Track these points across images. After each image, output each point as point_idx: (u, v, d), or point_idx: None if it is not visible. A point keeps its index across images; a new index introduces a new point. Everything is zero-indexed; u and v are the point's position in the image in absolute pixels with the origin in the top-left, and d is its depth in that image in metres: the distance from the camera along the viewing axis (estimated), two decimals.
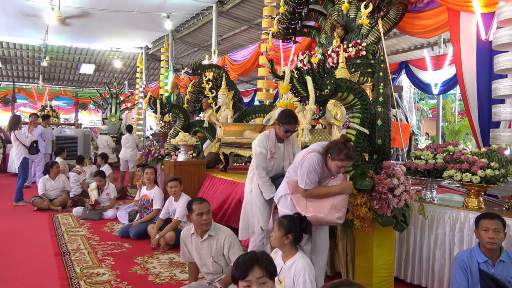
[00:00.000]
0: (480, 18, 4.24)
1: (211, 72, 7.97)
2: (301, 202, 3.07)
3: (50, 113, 15.60)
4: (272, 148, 3.70)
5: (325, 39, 5.96)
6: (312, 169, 2.97)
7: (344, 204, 2.98)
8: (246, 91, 15.70)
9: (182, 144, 6.21)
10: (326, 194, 3.01)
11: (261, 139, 3.74)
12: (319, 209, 2.98)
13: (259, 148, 3.71)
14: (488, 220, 2.75)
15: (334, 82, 3.11)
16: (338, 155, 2.89)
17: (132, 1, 11.08)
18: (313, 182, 3.00)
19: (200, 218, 3.50)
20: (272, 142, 3.71)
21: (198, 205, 3.57)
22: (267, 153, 3.70)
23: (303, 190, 3.02)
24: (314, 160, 2.97)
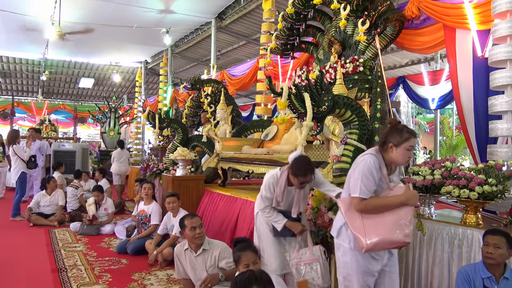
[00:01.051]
0: (476, 35, 4.29)
1: (209, 87, 8.01)
2: (356, 222, 2.52)
3: (48, 127, 15.66)
4: (279, 196, 3.29)
5: (323, 55, 6.01)
6: (368, 172, 2.48)
7: (411, 219, 2.48)
8: (244, 105, 15.75)
9: (181, 159, 6.21)
10: (386, 206, 2.50)
11: (268, 182, 3.37)
12: (380, 228, 2.45)
13: (265, 191, 3.38)
14: (491, 235, 2.75)
15: (332, 99, 3.13)
16: (401, 136, 2.48)
17: (132, 17, 11.18)
18: (369, 189, 2.48)
19: (193, 232, 3.55)
20: (280, 189, 3.28)
21: (190, 219, 3.62)
22: (272, 197, 3.35)
23: (358, 201, 2.49)
24: (369, 161, 2.50)
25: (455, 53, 4.58)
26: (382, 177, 2.51)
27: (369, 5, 4.86)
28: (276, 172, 3.37)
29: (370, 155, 2.53)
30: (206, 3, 10.38)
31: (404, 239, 2.42)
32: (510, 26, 3.75)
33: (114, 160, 10.15)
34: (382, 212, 2.49)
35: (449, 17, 4.56)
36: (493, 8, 3.89)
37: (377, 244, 2.41)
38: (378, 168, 2.50)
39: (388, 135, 2.55)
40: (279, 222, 3.33)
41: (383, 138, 2.58)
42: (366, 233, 2.44)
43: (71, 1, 9.92)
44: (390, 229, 2.43)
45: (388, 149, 2.52)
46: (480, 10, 4.25)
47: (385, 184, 2.53)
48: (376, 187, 2.50)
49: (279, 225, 3.33)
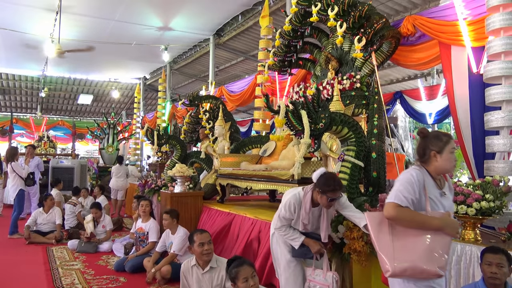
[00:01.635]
0: (471, 52, 4.35)
1: (208, 103, 8.06)
2: (385, 240, 2.25)
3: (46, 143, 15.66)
4: (305, 218, 3.09)
5: (320, 71, 6.07)
6: (407, 182, 2.26)
7: (446, 250, 2.19)
8: (243, 121, 15.80)
9: (179, 175, 6.22)
10: (421, 223, 2.22)
11: (289, 202, 3.14)
12: (411, 253, 2.18)
13: (284, 211, 3.16)
14: (492, 254, 2.70)
15: (329, 116, 3.16)
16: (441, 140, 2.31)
17: (131, 34, 11.29)
18: (406, 198, 2.22)
19: (202, 248, 3.53)
20: (305, 210, 3.08)
21: (199, 235, 3.60)
22: (292, 218, 3.16)
23: (393, 205, 2.21)
24: (411, 173, 2.29)
25: (450, 69, 4.63)
26: (424, 193, 2.27)
27: (365, 23, 4.92)
28: (298, 192, 3.18)
29: (413, 169, 2.34)
30: (204, 20, 10.50)
31: (438, 271, 2.15)
32: (504, 43, 3.81)
33: (113, 175, 10.33)
34: (415, 230, 2.22)
35: (444, 34, 4.63)
36: (487, 26, 3.95)
37: (405, 270, 2.16)
38: (422, 182, 2.27)
39: (426, 145, 2.35)
40: (296, 240, 3.15)
41: (421, 150, 2.37)
42: (394, 256, 2.19)
43: (70, 19, 10.03)
44: (422, 256, 2.17)
45: (431, 159, 2.33)
46: (474, 27, 4.32)
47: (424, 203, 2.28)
48: (415, 200, 2.25)
49: (296, 242, 3.14)
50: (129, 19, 10.33)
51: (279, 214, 3.21)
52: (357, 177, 3.35)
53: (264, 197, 7.25)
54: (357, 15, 4.88)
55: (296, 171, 3.58)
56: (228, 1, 9.28)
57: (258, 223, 4.71)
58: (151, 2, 9.41)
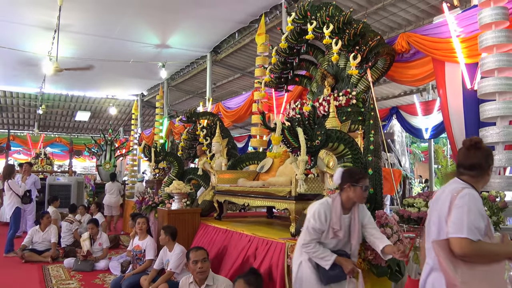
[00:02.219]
0: (465, 68, 4.40)
1: (205, 120, 8.08)
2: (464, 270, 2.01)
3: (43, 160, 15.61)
4: (336, 223, 2.87)
5: (316, 88, 6.12)
6: (475, 209, 2.01)
7: None
8: (240, 137, 15.83)
9: (176, 192, 6.20)
10: (497, 255, 2.01)
11: (318, 210, 2.92)
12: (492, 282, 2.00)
13: (313, 221, 2.91)
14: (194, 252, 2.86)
15: (325, 133, 3.18)
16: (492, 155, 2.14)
17: (129, 51, 11.38)
18: (479, 230, 1.99)
19: (195, 266, 3.54)
20: (336, 215, 2.89)
21: (194, 253, 3.63)
22: (323, 230, 2.90)
23: (467, 243, 1.97)
24: (474, 194, 2.07)
25: (445, 85, 4.68)
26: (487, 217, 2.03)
27: (360, 40, 4.99)
28: (326, 199, 3.02)
29: (468, 189, 2.07)
30: (201, 38, 10.60)
31: None
32: (497, 60, 3.86)
33: (106, 192, 10.84)
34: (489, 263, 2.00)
35: (438, 51, 4.70)
36: (480, 43, 4.01)
37: None
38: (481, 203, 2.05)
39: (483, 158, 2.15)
40: (327, 258, 2.84)
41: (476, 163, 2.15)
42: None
43: (69, 37, 10.11)
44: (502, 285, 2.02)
45: (484, 173, 2.14)
46: (468, 44, 4.38)
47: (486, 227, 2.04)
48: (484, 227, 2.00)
49: (328, 261, 2.83)
50: (127, 37, 10.42)
51: (307, 226, 2.96)
52: None
53: (262, 213, 7.23)
54: (352, 33, 4.94)
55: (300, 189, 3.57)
56: (225, 19, 9.39)
57: (255, 240, 4.69)
58: (149, 20, 9.51)
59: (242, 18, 9.32)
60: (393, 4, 7.77)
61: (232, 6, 8.61)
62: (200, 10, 8.80)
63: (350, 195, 2.91)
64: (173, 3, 8.48)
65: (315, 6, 5.54)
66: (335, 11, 5.22)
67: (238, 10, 8.89)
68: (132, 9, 8.84)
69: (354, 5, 7.80)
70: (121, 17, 9.25)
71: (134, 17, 9.24)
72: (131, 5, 8.61)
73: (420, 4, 7.65)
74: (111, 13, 9.06)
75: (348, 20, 5.04)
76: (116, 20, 9.45)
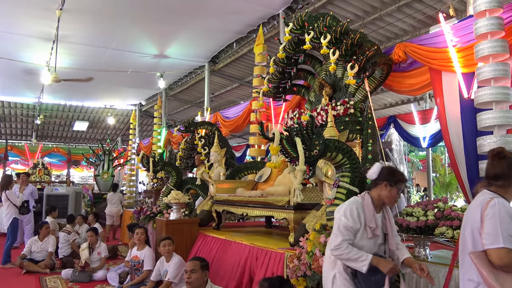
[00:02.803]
0: (461, 78, 4.42)
1: (203, 129, 8.09)
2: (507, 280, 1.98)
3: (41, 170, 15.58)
4: (371, 221, 2.66)
5: (314, 97, 6.14)
6: (506, 216, 2.02)
7: None
8: (238, 146, 15.84)
9: (175, 202, 6.19)
10: None
11: (350, 207, 2.71)
12: None
13: (345, 219, 2.67)
14: None
15: (323, 143, 3.18)
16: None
17: (127, 62, 11.41)
18: None
19: (185, 275, 3.63)
20: (369, 213, 2.69)
21: (189, 262, 3.68)
22: (356, 228, 2.67)
23: (505, 252, 1.97)
24: (505, 204, 2.07)
25: (442, 95, 4.70)
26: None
27: (357, 50, 5.02)
28: (355, 198, 2.82)
29: (496, 198, 2.07)
30: (199, 48, 10.65)
31: None
32: (493, 69, 3.88)
33: (108, 202, 11.15)
34: None
35: (435, 61, 4.72)
36: (476, 52, 4.04)
37: None
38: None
39: (505, 168, 2.14)
40: (362, 259, 2.56)
41: (500, 173, 2.14)
42: None
43: (67, 47, 10.15)
44: None
45: (511, 183, 2.13)
46: (464, 53, 4.41)
47: None
48: None
49: (364, 263, 2.54)
50: (125, 48, 10.46)
51: (338, 226, 2.68)
52: None
53: (261, 223, 7.22)
54: (349, 43, 4.97)
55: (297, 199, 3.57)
56: (223, 30, 9.44)
57: (254, 250, 4.68)
58: (147, 31, 9.56)
59: (240, 29, 9.38)
60: (390, 14, 7.83)
61: (230, 16, 8.67)
62: (198, 21, 8.86)
63: (382, 194, 2.73)
64: (171, 14, 8.53)
65: (312, 17, 5.58)
66: (332, 22, 5.25)
67: (236, 21, 8.95)
68: (130, 20, 8.88)
69: (351, 15, 7.86)
70: (119, 28, 9.30)
71: (132, 28, 9.29)
72: (129, 16, 8.65)
73: (417, 14, 7.72)
74: (109, 24, 9.10)
75: (345, 30, 5.07)
76: (114, 31, 9.49)
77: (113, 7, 8.24)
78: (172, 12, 8.47)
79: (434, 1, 7.28)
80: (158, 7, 8.19)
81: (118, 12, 8.48)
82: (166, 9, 8.30)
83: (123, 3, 8.10)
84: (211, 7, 8.21)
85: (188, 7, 8.26)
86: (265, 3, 8.11)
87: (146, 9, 8.31)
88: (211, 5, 8.14)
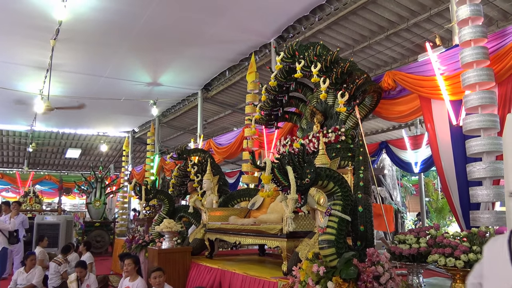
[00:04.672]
0: (449, 105, 4.50)
1: (196, 156, 8.09)
2: None
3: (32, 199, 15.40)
4: None
5: (306, 124, 6.19)
6: None
7: None
8: (231, 172, 15.81)
9: (167, 231, 6.13)
10: None
11: None
12: None
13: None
14: None
15: (314, 171, 3.20)
16: None
17: (120, 89, 11.50)
18: None
19: None
20: None
21: None
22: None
23: None
24: None
25: (433, 121, 4.77)
26: None
27: (347, 78, 5.10)
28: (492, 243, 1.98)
29: None
30: (192, 76, 10.79)
31: None
32: (480, 97, 3.97)
33: None
34: None
35: (423, 88, 4.81)
36: (462, 81, 4.13)
37: None
38: None
39: None
40: None
41: None
42: None
43: (60, 76, 10.22)
44: None
45: None
46: (451, 82, 4.50)
47: None
48: None
49: None
50: (118, 76, 10.56)
51: None
52: (345, 231, 3.35)
53: (254, 251, 7.15)
54: (340, 71, 5.06)
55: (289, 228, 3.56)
56: (216, 58, 9.59)
57: (247, 280, 4.62)
58: (140, 59, 9.68)
59: (232, 57, 9.53)
60: (379, 43, 8.01)
61: (222, 45, 8.82)
62: (191, 49, 8.99)
63: None
64: (164, 43, 8.66)
65: (303, 46, 5.69)
66: (322, 51, 5.35)
67: (228, 49, 9.10)
68: (124, 49, 9.00)
69: (341, 44, 8.04)
70: (113, 56, 9.40)
71: (125, 56, 9.40)
72: (122, 45, 8.77)
73: (405, 43, 7.90)
74: (102, 52, 9.21)
75: (335, 59, 5.16)
76: (107, 59, 9.60)
77: (107, 36, 8.36)
78: (166, 41, 8.60)
79: (421, 30, 7.46)
80: (151, 36, 8.32)
81: (112, 41, 8.60)
82: (159, 38, 8.43)
83: (117, 32, 8.22)
84: (204, 36, 8.35)
85: (181, 36, 8.39)
86: (257, 32, 8.27)
87: (139, 38, 8.43)
88: (204, 34, 8.29)
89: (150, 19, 7.64)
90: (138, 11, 7.41)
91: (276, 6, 7.38)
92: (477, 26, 4.08)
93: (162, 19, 7.71)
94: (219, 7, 7.37)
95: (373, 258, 3.20)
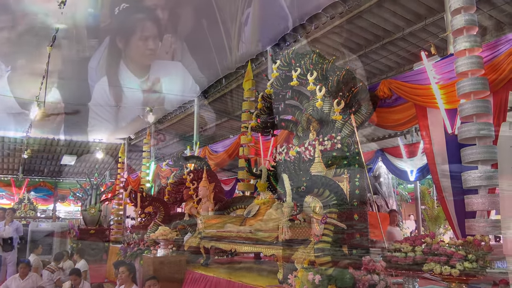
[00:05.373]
0: (445, 114, 4.52)
1: (192, 164, 8.08)
2: None
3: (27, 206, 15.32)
4: None
5: (302, 132, 6.19)
6: None
7: None
8: (227, 179, 15.75)
9: (162, 238, 6.11)
10: None
11: None
12: None
13: None
14: None
15: (310, 179, 3.21)
16: None
17: (116, 96, 11.48)
18: None
19: None
20: None
21: None
22: None
23: None
24: None
25: (428, 130, 4.79)
26: None
27: (343, 87, 5.10)
28: None
29: None
30: (189, 83, 10.78)
31: None
32: (475, 106, 3.99)
33: None
34: None
35: (419, 97, 4.83)
36: (457, 90, 4.15)
37: None
38: None
39: None
40: None
41: None
42: None
43: (56, 82, 10.20)
44: None
45: None
46: (447, 90, 4.52)
47: None
48: None
49: None
50: (115, 83, 10.55)
51: None
52: (341, 239, 3.35)
53: (249, 258, 7.12)
54: (335, 80, 5.07)
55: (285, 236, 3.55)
56: (213, 66, 9.61)
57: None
58: (137, 66, 9.68)
59: (229, 65, 9.55)
60: (375, 51, 8.06)
61: (219, 54, 8.85)
62: (189, 57, 9.01)
63: None
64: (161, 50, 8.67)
65: (299, 54, 5.71)
66: (318, 59, 5.37)
67: (225, 58, 9.12)
68: (120, 56, 9.00)
69: (337, 52, 8.08)
70: (110, 63, 9.40)
71: (122, 63, 9.40)
72: (119, 52, 8.78)
73: (400, 52, 7.96)
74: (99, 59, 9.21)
75: (331, 67, 5.18)
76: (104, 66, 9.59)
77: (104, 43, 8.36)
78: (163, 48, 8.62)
79: (417, 39, 7.52)
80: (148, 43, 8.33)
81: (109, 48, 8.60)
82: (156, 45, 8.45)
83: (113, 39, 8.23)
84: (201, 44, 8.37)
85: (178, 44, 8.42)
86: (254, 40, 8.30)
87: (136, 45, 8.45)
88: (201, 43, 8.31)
89: (147, 27, 7.66)
90: (134, 19, 7.43)
91: (272, 15, 7.42)
92: (471, 36, 4.11)
93: (159, 27, 7.73)
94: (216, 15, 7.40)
95: (368, 266, 3.20)
